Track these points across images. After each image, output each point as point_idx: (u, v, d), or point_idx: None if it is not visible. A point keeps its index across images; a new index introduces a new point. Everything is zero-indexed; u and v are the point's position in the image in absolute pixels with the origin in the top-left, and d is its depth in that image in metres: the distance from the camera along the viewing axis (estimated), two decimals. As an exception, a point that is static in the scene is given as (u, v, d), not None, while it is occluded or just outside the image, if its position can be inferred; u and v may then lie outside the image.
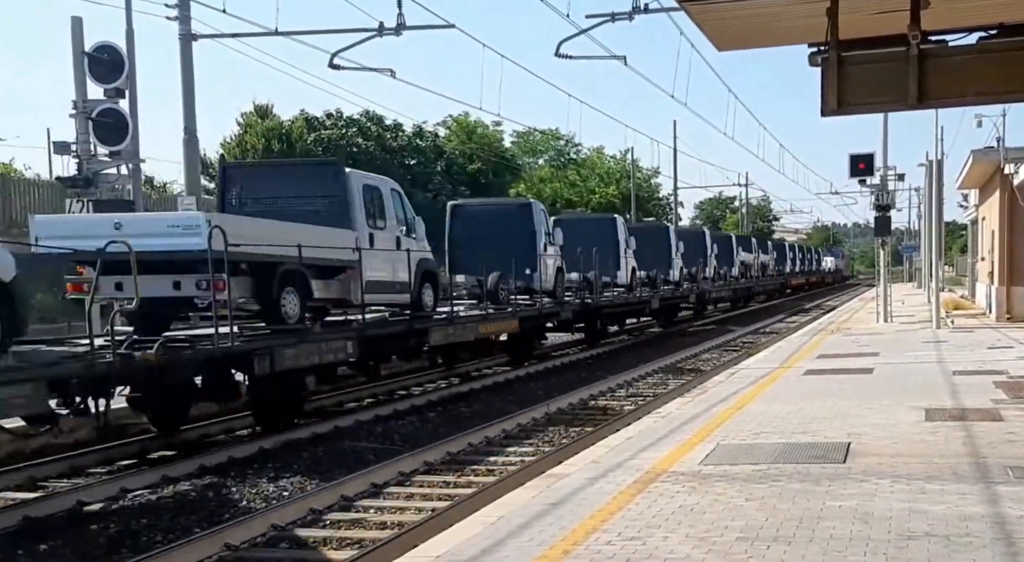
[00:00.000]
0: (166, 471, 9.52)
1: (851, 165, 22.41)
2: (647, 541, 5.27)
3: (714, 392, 11.64)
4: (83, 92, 14.14)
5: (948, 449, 7.45)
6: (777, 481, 6.56)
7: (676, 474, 6.93)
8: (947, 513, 5.57)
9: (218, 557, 6.89)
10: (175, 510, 8.43)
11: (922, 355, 15.21)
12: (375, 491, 8.81)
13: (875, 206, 24.37)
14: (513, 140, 63.16)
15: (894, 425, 8.61)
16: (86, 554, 7.21)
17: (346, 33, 18.97)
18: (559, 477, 7.10)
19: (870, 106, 8.99)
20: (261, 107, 47.21)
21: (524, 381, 17.22)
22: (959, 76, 7.97)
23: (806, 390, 11.42)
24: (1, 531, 7.65)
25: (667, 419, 9.66)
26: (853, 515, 5.60)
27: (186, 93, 18.06)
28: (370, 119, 47.92)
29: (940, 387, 11.17)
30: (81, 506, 8.33)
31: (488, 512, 6.22)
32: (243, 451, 10.57)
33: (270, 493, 9.01)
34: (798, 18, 8.20)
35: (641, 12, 18.47)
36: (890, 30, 7.89)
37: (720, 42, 9.10)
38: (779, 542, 5.13)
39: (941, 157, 26.88)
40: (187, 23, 18.03)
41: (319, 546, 7.25)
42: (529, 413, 12.83)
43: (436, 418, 13.25)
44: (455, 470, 9.81)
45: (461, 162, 52.86)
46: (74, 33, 13.88)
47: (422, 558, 5.26)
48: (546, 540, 5.40)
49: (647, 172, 63.71)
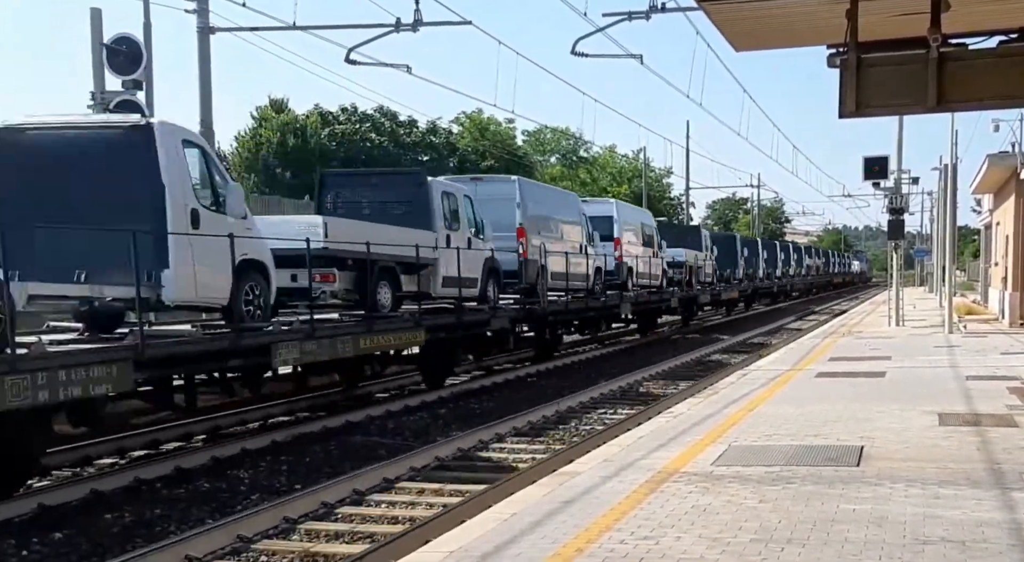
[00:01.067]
0: (179, 462, 9.58)
1: (865, 168, 22.31)
2: (660, 541, 5.28)
3: (725, 393, 11.62)
4: (101, 83, 14.18)
5: (962, 454, 7.43)
6: (790, 483, 6.56)
7: (688, 474, 6.93)
8: (963, 518, 5.55)
9: (231, 548, 6.93)
10: (188, 501, 8.49)
11: (935, 359, 15.14)
12: (387, 486, 8.85)
13: (889, 209, 24.25)
14: (524, 139, 63.16)
15: (907, 429, 8.58)
16: (101, 543, 7.26)
17: (363, 28, 18.98)
18: (571, 475, 7.11)
19: (888, 109, 8.97)
20: (276, 101, 47.41)
21: (544, 376, 17.24)
22: (978, 79, 7.93)
23: (818, 393, 11.39)
24: (16, 519, 7.71)
25: (679, 419, 9.66)
26: (868, 519, 5.59)
27: (203, 86, 18.11)
28: (384, 115, 48.04)
29: (953, 392, 11.13)
30: (96, 495, 8.39)
31: (500, 509, 6.23)
32: (255, 443, 10.63)
33: (282, 486, 9.06)
34: (817, 19, 8.19)
35: (658, 11, 18.43)
36: (909, 32, 7.87)
37: (738, 42, 9.08)
38: (793, 544, 5.13)
39: (956, 161, 26.76)
40: (205, 16, 18.09)
41: (331, 539, 7.28)
42: (540, 410, 12.87)
43: (447, 414, 13.31)
44: (466, 467, 9.83)
45: (474, 159, 52.87)
46: (93, 25, 13.93)
47: (435, 553, 5.27)
48: (559, 538, 5.41)
49: (659, 172, 63.67)
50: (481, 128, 56.02)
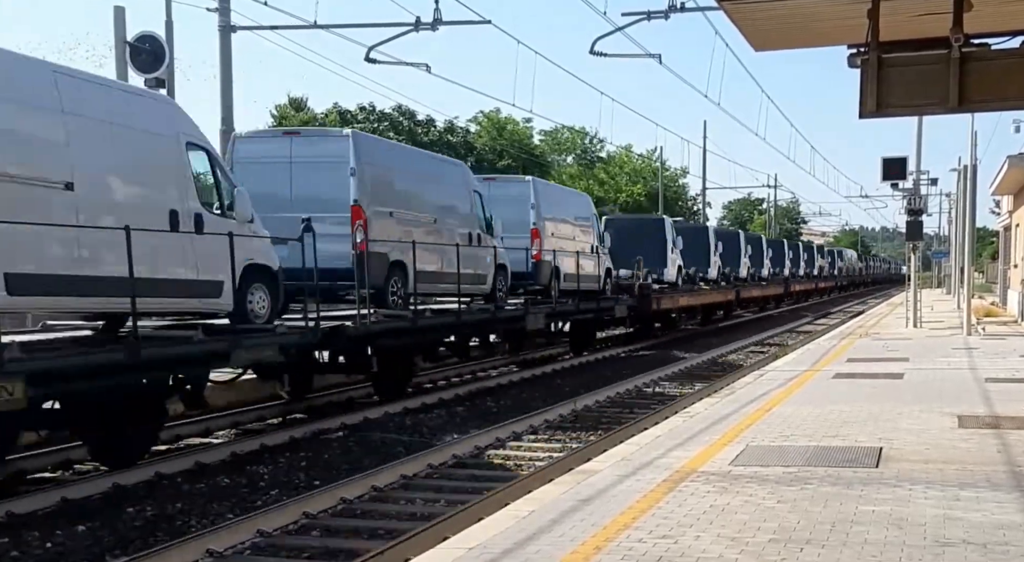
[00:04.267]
0: (200, 457, 9.67)
1: (884, 169, 22.22)
2: (679, 540, 5.29)
3: (742, 393, 11.60)
4: (124, 81, 14.32)
5: (983, 456, 7.39)
6: (809, 484, 6.55)
7: (706, 474, 6.93)
8: (983, 521, 5.53)
9: (251, 543, 7.00)
10: (209, 496, 8.58)
11: (953, 361, 15.05)
12: (405, 482, 8.90)
13: (907, 210, 24.12)
14: (541, 138, 63.11)
15: (926, 431, 8.55)
16: (123, 536, 7.35)
17: (383, 27, 19.06)
18: (589, 473, 7.12)
19: (909, 108, 8.91)
20: (295, 100, 47.63)
21: (550, 377, 17.28)
22: (1000, 80, 7.87)
23: (836, 394, 11.35)
24: (40, 512, 7.81)
25: (696, 418, 9.64)
26: (887, 520, 5.58)
27: (224, 85, 18.22)
28: (403, 114, 48.15)
29: (973, 394, 11.07)
30: (117, 489, 8.49)
31: (519, 507, 6.25)
32: (274, 439, 10.71)
33: (301, 482, 9.13)
34: (838, 19, 8.15)
35: (677, 11, 18.42)
36: (931, 32, 7.83)
37: (757, 42, 9.06)
38: (812, 545, 5.13)
39: (975, 162, 26.55)
40: (227, 15, 18.19)
41: (350, 535, 7.34)
42: (557, 409, 12.89)
43: (464, 412, 13.36)
44: (484, 464, 9.87)
45: (491, 158, 52.89)
46: (116, 23, 14.08)
47: (455, 550, 5.30)
48: (578, 536, 5.43)
49: (675, 172, 63.45)
50: (499, 127, 56.02)
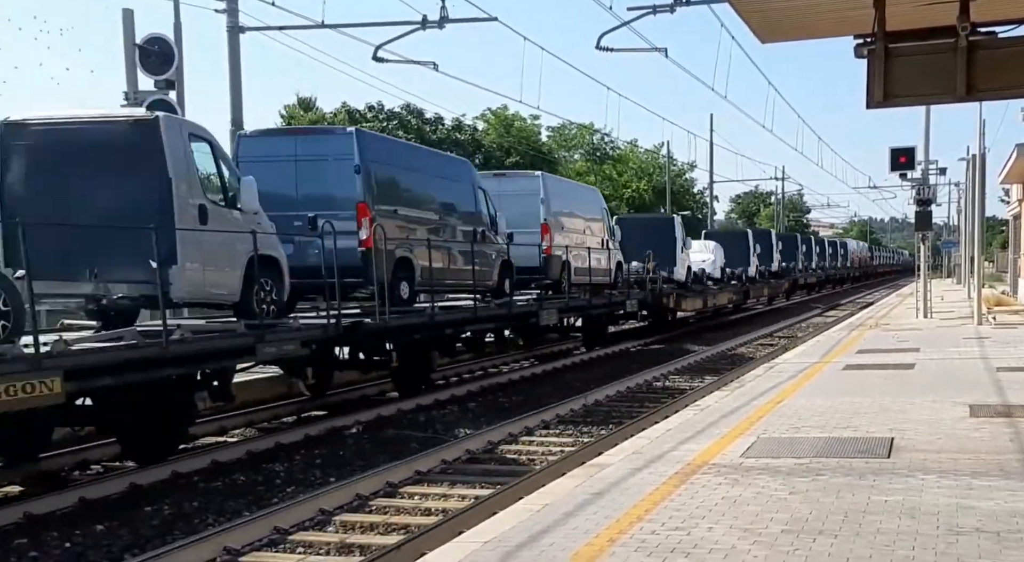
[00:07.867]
0: (215, 456, 9.75)
1: (892, 159, 22.08)
2: (692, 531, 5.32)
3: (752, 386, 11.62)
4: (134, 83, 14.43)
5: (995, 446, 7.40)
6: (820, 475, 6.57)
7: (718, 466, 6.96)
8: (997, 509, 5.54)
9: (268, 539, 7.06)
10: (225, 494, 8.65)
11: (964, 351, 15.02)
12: (419, 478, 8.96)
13: (916, 200, 24.00)
14: (549, 135, 63.07)
15: (938, 421, 8.55)
16: (141, 534, 7.42)
17: (390, 26, 19.12)
18: (601, 467, 7.17)
19: (917, 98, 8.89)
20: (304, 99, 47.71)
21: (561, 372, 17.32)
22: (1008, 68, 7.84)
23: (846, 385, 11.35)
24: (59, 512, 7.90)
25: (706, 412, 9.67)
26: (900, 510, 5.60)
27: (233, 85, 18.29)
28: (411, 112, 48.16)
29: (984, 383, 11.05)
30: (135, 488, 8.57)
31: (532, 500, 6.30)
32: (289, 437, 10.79)
33: (316, 478, 9.20)
34: (843, 9, 8.14)
35: (683, 4, 18.38)
36: (938, 21, 7.81)
37: (764, 34, 9.06)
38: (825, 535, 5.16)
39: (984, 151, 26.44)
40: (235, 16, 18.28)
41: (366, 531, 7.40)
42: (568, 404, 12.94)
43: (476, 408, 13.42)
44: (497, 459, 9.93)
45: (499, 155, 52.89)
46: (125, 25, 14.15)
47: (471, 543, 5.35)
48: (591, 528, 5.47)
49: (682, 166, 63.26)
50: (506, 124, 55.96)
